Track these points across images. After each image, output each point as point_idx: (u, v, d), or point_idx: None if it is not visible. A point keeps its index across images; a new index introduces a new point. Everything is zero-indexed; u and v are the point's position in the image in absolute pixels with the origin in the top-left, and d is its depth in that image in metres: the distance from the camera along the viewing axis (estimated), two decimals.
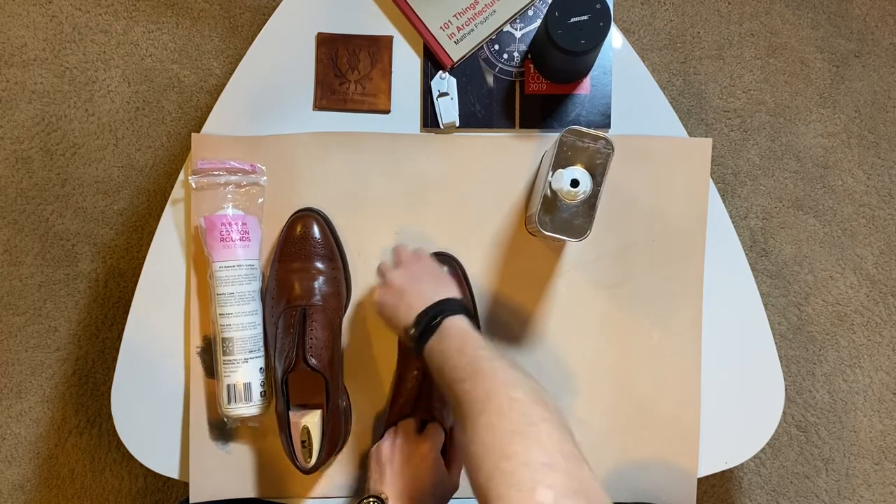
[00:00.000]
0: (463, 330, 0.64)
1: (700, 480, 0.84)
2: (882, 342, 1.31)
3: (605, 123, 0.85)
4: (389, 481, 0.69)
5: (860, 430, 1.30)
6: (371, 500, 0.68)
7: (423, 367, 0.77)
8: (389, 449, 0.72)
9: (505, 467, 0.49)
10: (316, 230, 0.81)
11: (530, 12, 0.85)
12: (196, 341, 0.84)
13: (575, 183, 0.71)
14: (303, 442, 0.76)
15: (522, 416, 0.52)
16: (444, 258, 0.83)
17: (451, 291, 0.69)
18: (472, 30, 0.84)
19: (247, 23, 1.34)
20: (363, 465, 0.83)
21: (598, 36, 0.74)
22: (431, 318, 0.65)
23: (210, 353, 0.83)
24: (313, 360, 0.74)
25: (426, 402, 0.76)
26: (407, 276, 0.71)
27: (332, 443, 0.77)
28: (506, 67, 0.85)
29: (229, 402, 0.79)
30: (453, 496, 0.74)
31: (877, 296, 1.31)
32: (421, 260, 0.74)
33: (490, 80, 0.85)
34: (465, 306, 0.67)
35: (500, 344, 0.84)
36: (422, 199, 0.85)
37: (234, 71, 0.85)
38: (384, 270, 0.74)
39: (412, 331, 0.66)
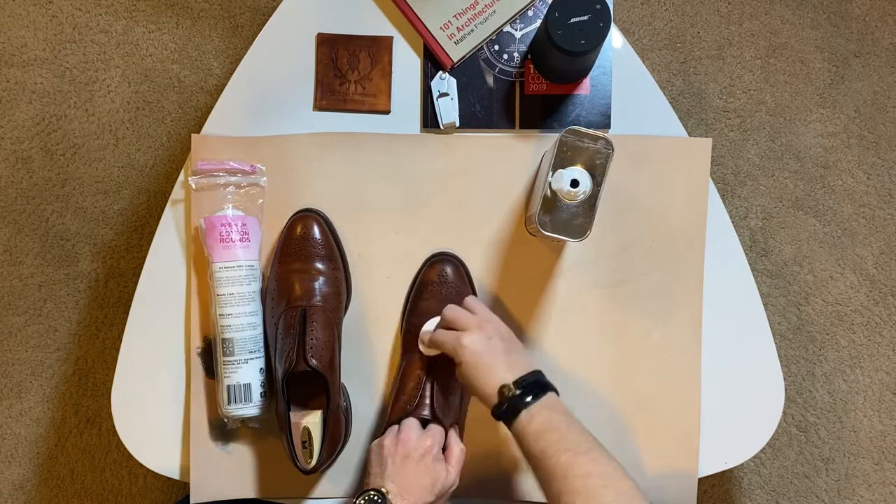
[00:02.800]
0: (566, 408, 0.68)
1: (700, 480, 0.84)
2: (882, 342, 1.31)
3: (605, 123, 0.85)
4: (391, 476, 0.69)
5: (860, 430, 1.30)
6: (372, 493, 0.68)
7: (426, 367, 0.77)
8: (392, 444, 0.72)
9: None
10: (316, 230, 0.81)
11: (530, 13, 0.85)
12: (196, 342, 0.84)
13: (575, 183, 0.71)
14: (303, 442, 0.76)
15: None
16: (446, 258, 0.83)
17: (526, 363, 0.72)
18: (472, 30, 0.84)
19: (247, 23, 1.34)
20: (364, 465, 0.83)
21: (598, 36, 0.74)
22: (536, 384, 0.68)
23: (210, 354, 0.83)
24: (314, 361, 0.74)
25: (428, 401, 0.76)
26: (499, 331, 0.72)
27: (333, 443, 0.77)
28: (506, 68, 0.85)
29: (230, 402, 0.79)
30: (451, 495, 0.74)
31: (877, 296, 1.32)
32: (500, 321, 0.75)
33: (490, 80, 0.85)
34: (555, 387, 0.71)
35: None
36: (422, 200, 0.85)
37: (234, 71, 0.85)
38: (469, 319, 0.73)
39: (514, 390, 0.67)
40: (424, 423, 0.75)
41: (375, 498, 0.67)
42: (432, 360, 0.78)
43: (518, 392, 0.67)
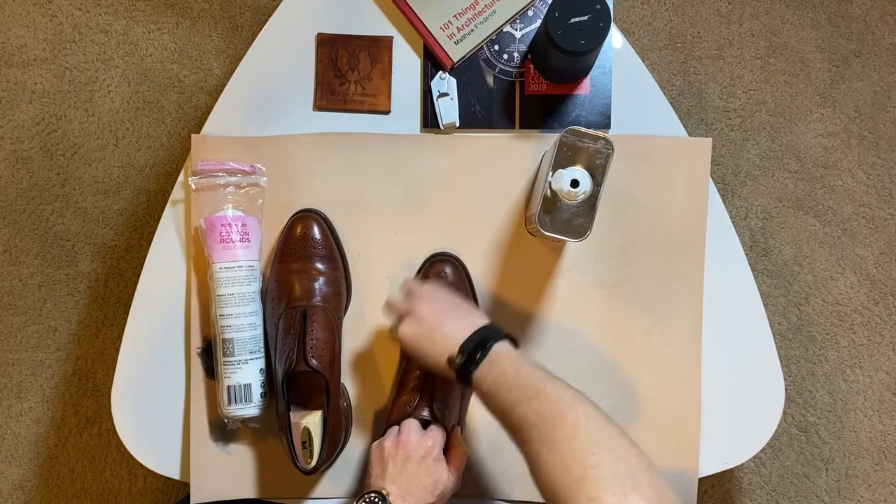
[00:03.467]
0: (513, 354, 0.66)
1: (700, 480, 0.84)
2: (882, 342, 1.31)
3: (605, 123, 0.85)
4: (391, 477, 0.69)
5: (860, 430, 1.30)
6: (373, 495, 0.68)
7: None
8: (392, 445, 0.72)
9: (592, 475, 0.53)
10: (316, 231, 0.81)
11: (530, 12, 0.85)
12: (196, 342, 0.84)
13: (575, 183, 0.71)
14: (303, 443, 0.76)
15: (600, 431, 0.57)
16: (445, 258, 0.83)
17: (484, 319, 0.71)
18: (472, 30, 0.84)
19: (247, 23, 1.34)
20: (364, 467, 0.83)
21: (598, 36, 0.74)
22: (479, 344, 0.66)
23: (210, 354, 0.83)
24: (314, 361, 0.74)
25: (428, 402, 0.76)
26: (433, 307, 0.71)
27: (333, 443, 0.77)
28: (506, 68, 0.85)
29: (230, 402, 0.79)
30: (453, 496, 0.74)
31: (877, 296, 1.32)
32: (439, 291, 0.74)
33: (490, 80, 0.85)
34: (507, 332, 0.69)
35: None
36: (422, 200, 0.85)
37: (234, 71, 0.85)
38: (400, 305, 0.73)
39: (457, 359, 0.67)
40: (425, 424, 0.75)
41: (376, 499, 0.67)
42: None
43: (463, 360, 0.66)
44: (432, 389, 0.76)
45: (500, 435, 0.83)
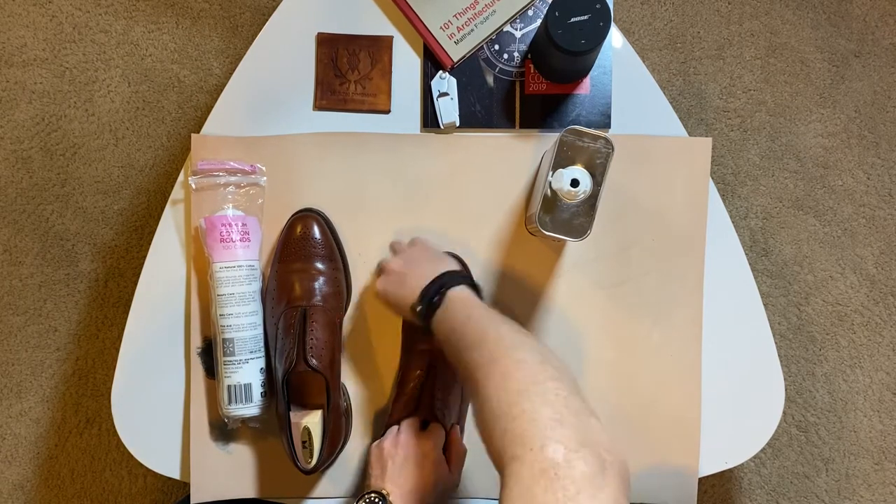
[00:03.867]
0: (467, 299, 0.65)
1: (700, 480, 0.84)
2: (882, 342, 1.31)
3: (605, 123, 0.85)
4: (391, 477, 0.69)
5: (860, 430, 1.30)
6: (373, 495, 0.67)
7: (426, 367, 0.77)
8: (392, 445, 0.72)
9: (514, 428, 0.50)
10: (316, 230, 0.81)
11: (530, 12, 0.85)
12: (196, 342, 0.84)
13: (575, 183, 0.71)
14: (303, 442, 0.76)
15: (527, 377, 0.53)
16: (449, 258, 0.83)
17: (451, 266, 0.72)
18: (472, 30, 0.84)
19: (247, 23, 1.34)
20: (364, 465, 0.83)
21: (598, 36, 0.74)
22: (436, 291, 0.67)
23: (210, 354, 0.83)
24: (314, 361, 0.74)
25: (428, 401, 0.76)
26: (405, 259, 0.74)
27: (333, 443, 0.77)
28: (506, 67, 0.85)
29: (230, 402, 0.79)
30: (453, 495, 0.74)
31: (877, 296, 1.32)
32: (416, 244, 0.77)
33: (490, 80, 0.85)
34: (466, 277, 0.69)
35: None
36: (422, 199, 0.85)
37: (234, 71, 0.85)
38: (384, 262, 0.76)
39: (418, 307, 0.67)
40: (425, 424, 0.75)
41: (376, 500, 0.67)
42: (432, 360, 0.78)
43: (420, 307, 0.67)
44: (432, 389, 0.76)
45: None
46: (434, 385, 0.76)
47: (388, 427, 0.76)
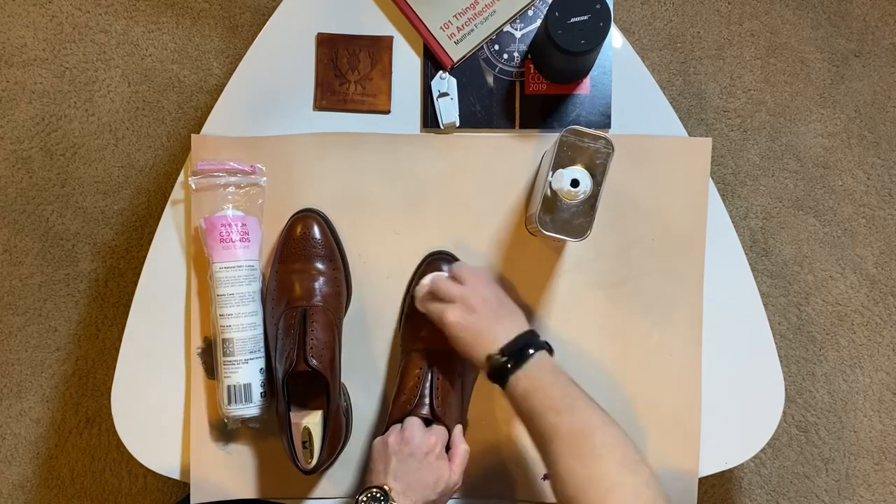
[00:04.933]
0: (553, 365, 0.69)
1: (700, 480, 0.84)
2: (882, 342, 1.31)
3: (605, 123, 0.85)
4: (394, 473, 0.69)
5: (860, 430, 1.30)
6: (375, 490, 0.68)
7: (426, 366, 0.77)
8: (396, 441, 0.72)
9: (620, 491, 0.59)
10: (316, 231, 0.81)
11: (530, 12, 0.85)
12: (196, 342, 0.84)
13: (575, 183, 0.71)
14: (304, 443, 0.76)
15: (627, 456, 0.62)
16: (441, 257, 0.83)
17: (526, 322, 0.73)
18: (472, 30, 0.84)
19: (247, 23, 1.34)
20: (366, 463, 0.83)
21: (598, 36, 0.74)
22: (521, 349, 0.69)
23: (210, 354, 0.83)
24: (314, 361, 0.74)
25: (428, 401, 0.76)
26: (482, 300, 0.72)
27: (333, 443, 0.77)
28: (506, 67, 0.85)
29: (230, 402, 0.79)
30: (455, 495, 0.74)
31: (877, 296, 1.32)
32: (490, 284, 0.75)
33: (490, 80, 0.85)
34: (547, 342, 0.71)
35: None
36: (422, 200, 0.85)
37: (234, 71, 0.85)
38: (450, 288, 0.73)
39: (499, 359, 0.68)
40: (428, 423, 0.75)
41: (378, 495, 0.67)
42: (432, 358, 0.78)
43: (503, 359, 0.68)
44: (431, 388, 0.76)
45: (500, 435, 0.84)
46: (433, 384, 0.76)
47: (388, 425, 0.76)
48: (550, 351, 0.71)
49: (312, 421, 0.76)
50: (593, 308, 0.84)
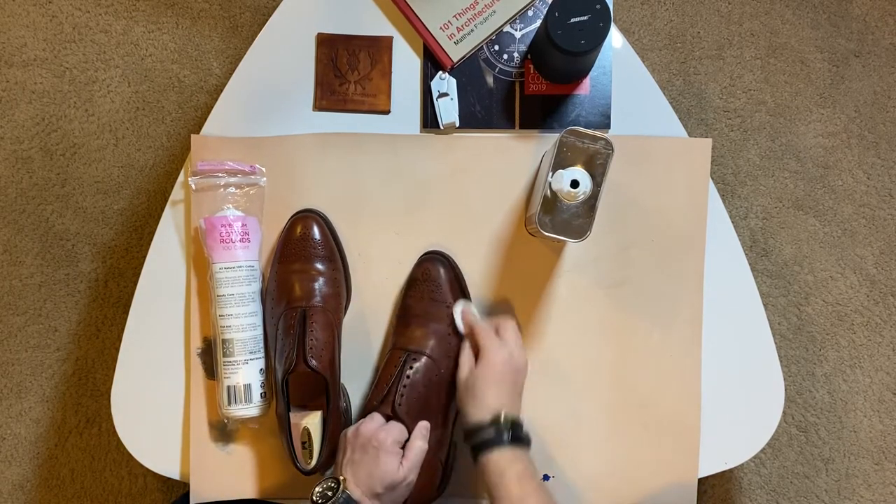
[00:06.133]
0: (526, 461, 0.72)
1: (700, 480, 0.84)
2: (882, 342, 1.31)
3: (605, 124, 0.85)
4: (349, 464, 0.72)
5: (860, 430, 1.30)
6: (330, 481, 0.71)
7: (400, 367, 0.78)
8: (353, 434, 0.74)
9: None
10: (316, 231, 0.81)
11: (530, 12, 0.85)
12: (196, 342, 0.84)
13: (575, 183, 0.71)
14: (303, 443, 0.76)
15: None
16: (434, 257, 0.83)
17: (520, 407, 0.75)
18: (471, 30, 0.84)
19: (247, 23, 1.34)
20: None
21: (598, 36, 0.74)
22: (508, 430, 0.71)
23: (210, 355, 0.83)
24: (314, 362, 0.74)
25: (391, 399, 0.76)
26: (519, 368, 0.76)
27: (333, 444, 0.77)
28: (506, 68, 0.85)
29: (230, 403, 0.79)
30: (443, 495, 0.74)
31: (877, 296, 1.31)
32: (524, 354, 0.77)
33: (490, 80, 0.85)
34: (528, 437, 0.74)
35: None
36: (422, 200, 0.85)
37: (234, 71, 0.85)
38: (484, 338, 0.76)
39: (506, 424, 0.72)
40: (388, 419, 0.76)
41: (332, 485, 0.70)
42: (410, 359, 0.77)
43: (508, 428, 0.71)
44: (398, 388, 0.76)
45: None
46: (404, 385, 0.76)
47: (363, 415, 0.77)
48: (528, 444, 0.74)
49: (312, 421, 0.76)
50: (593, 308, 0.84)
